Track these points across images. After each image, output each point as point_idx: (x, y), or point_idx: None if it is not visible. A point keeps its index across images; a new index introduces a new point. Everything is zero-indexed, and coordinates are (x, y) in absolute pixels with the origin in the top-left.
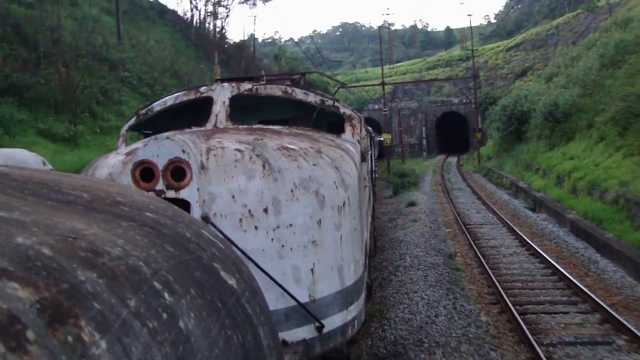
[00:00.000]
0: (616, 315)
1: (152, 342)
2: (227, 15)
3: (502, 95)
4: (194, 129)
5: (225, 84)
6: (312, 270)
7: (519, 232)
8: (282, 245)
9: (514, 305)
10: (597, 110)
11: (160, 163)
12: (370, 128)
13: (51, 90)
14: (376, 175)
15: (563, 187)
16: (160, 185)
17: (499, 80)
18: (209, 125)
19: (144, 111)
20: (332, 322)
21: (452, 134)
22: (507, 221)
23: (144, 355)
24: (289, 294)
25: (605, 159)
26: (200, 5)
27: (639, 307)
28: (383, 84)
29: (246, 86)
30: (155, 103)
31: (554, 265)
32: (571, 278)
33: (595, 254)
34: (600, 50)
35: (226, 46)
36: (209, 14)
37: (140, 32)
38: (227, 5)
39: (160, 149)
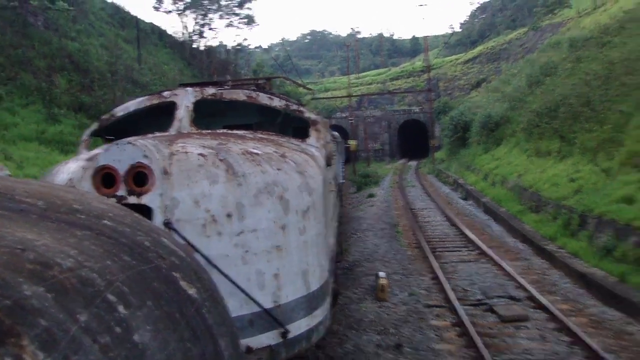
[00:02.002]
0: (486, 251)
1: (104, 358)
2: (214, 37)
3: (459, 105)
4: (157, 134)
5: (189, 89)
6: (276, 275)
7: (447, 213)
8: (246, 251)
9: (428, 247)
10: (518, 122)
11: (122, 168)
12: (337, 134)
13: (109, 107)
14: (343, 181)
15: (487, 181)
16: (121, 191)
17: (456, 90)
18: (173, 131)
19: (106, 116)
20: (297, 328)
21: (414, 140)
22: (442, 206)
23: None
24: (253, 300)
25: (515, 158)
26: (190, 27)
27: (503, 246)
28: (350, 95)
29: (210, 91)
30: (118, 108)
31: (463, 230)
32: (469, 235)
33: (492, 222)
34: (528, 70)
35: (211, 62)
36: (196, 33)
37: (150, 56)
38: (214, 29)
39: (121, 154)
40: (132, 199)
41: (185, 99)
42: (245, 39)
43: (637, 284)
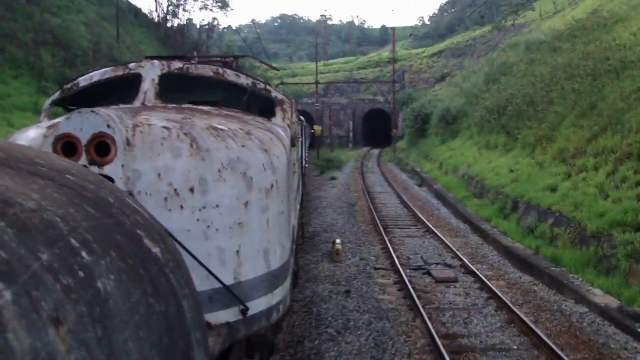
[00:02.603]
0: (432, 228)
1: (66, 299)
2: (189, 18)
3: (422, 97)
4: (121, 105)
5: (155, 62)
6: (237, 252)
7: (402, 197)
8: (208, 226)
9: (381, 224)
10: (473, 117)
11: (84, 137)
12: (302, 118)
13: None
14: (306, 165)
15: (441, 170)
16: (82, 161)
17: (421, 83)
18: (137, 103)
19: (68, 86)
20: (257, 306)
21: (377, 129)
22: (398, 191)
23: (56, 312)
24: (213, 275)
25: (467, 150)
26: (165, 7)
27: (447, 226)
28: (317, 82)
29: (177, 65)
30: (81, 78)
31: (414, 211)
32: (420, 215)
33: (441, 205)
34: (486, 68)
35: (184, 43)
36: (169, 13)
37: (127, 35)
38: (188, 10)
39: (83, 123)
40: (93, 169)
41: (150, 72)
42: (215, 19)
43: (546, 255)
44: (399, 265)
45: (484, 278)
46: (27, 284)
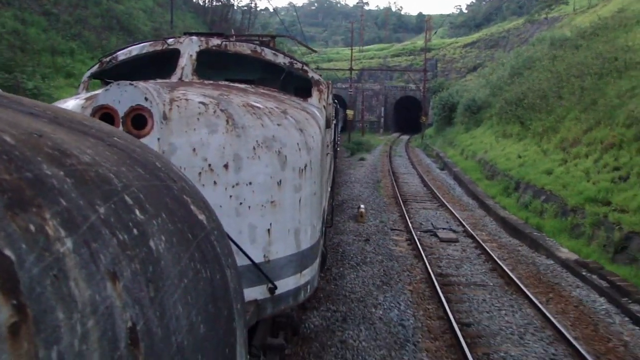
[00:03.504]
0: (445, 203)
1: (122, 254)
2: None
3: (452, 86)
4: (159, 80)
5: (194, 38)
6: (268, 230)
7: (424, 177)
8: (240, 203)
9: (401, 198)
10: (495, 107)
11: (121, 109)
12: (336, 101)
13: None
14: (338, 147)
15: (462, 155)
16: None
17: (453, 72)
18: (174, 78)
19: (107, 59)
20: (285, 285)
21: (408, 115)
22: (421, 173)
23: (113, 267)
24: (243, 252)
25: (486, 138)
26: None
27: (458, 202)
28: (351, 69)
29: (215, 41)
30: (120, 52)
31: (432, 189)
32: (436, 193)
33: (456, 185)
34: (513, 62)
35: (228, 29)
36: None
37: (179, 20)
38: None
39: (122, 95)
40: None
41: (189, 48)
42: (253, 1)
43: (532, 224)
44: (411, 228)
45: (479, 240)
46: (87, 235)
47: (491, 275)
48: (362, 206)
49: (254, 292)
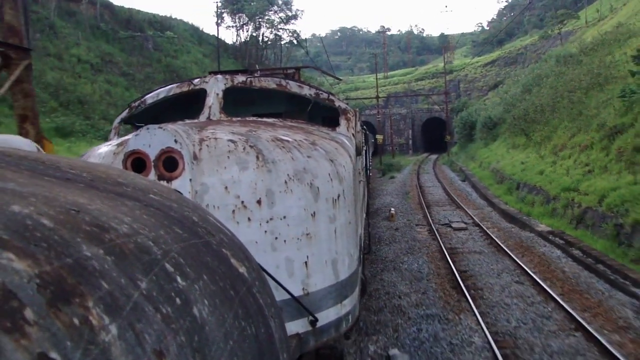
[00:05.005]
0: (461, 205)
1: (167, 329)
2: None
3: (474, 105)
4: (187, 121)
5: (219, 76)
6: (305, 263)
7: (447, 188)
8: (276, 238)
9: (425, 203)
10: (507, 123)
11: (152, 153)
12: (365, 127)
13: None
14: (370, 174)
15: (480, 167)
16: (152, 176)
17: (475, 91)
18: (202, 118)
19: (136, 103)
20: (326, 316)
21: (435, 136)
22: (445, 185)
23: (159, 345)
24: (282, 287)
25: (500, 150)
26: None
27: (472, 204)
28: (377, 97)
29: (240, 78)
30: (148, 95)
31: (453, 197)
32: (456, 199)
33: (473, 192)
34: (525, 79)
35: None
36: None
37: (222, 66)
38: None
39: (152, 139)
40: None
41: (215, 87)
42: (280, 37)
43: (524, 212)
44: (431, 223)
45: (483, 227)
46: (131, 316)
47: (487, 247)
48: (392, 209)
49: (296, 326)
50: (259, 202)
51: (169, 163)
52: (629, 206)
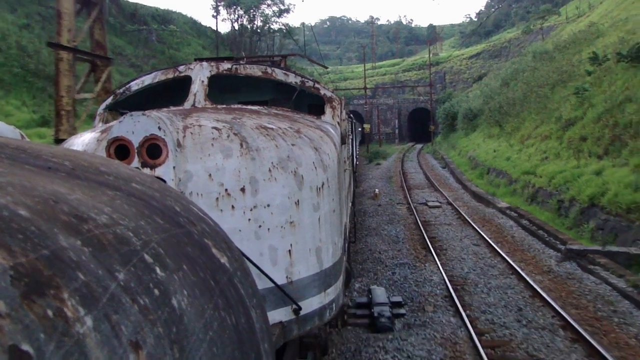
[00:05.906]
0: (439, 188)
1: (144, 320)
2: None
3: (458, 96)
4: (172, 108)
5: (204, 63)
6: (289, 251)
7: (427, 174)
8: (259, 226)
9: (406, 187)
10: (485, 114)
11: (135, 140)
12: (352, 116)
13: None
14: (357, 162)
15: (460, 155)
16: (135, 163)
17: (460, 83)
18: (187, 105)
19: (121, 90)
20: (310, 305)
21: (421, 126)
22: (426, 171)
23: (135, 336)
24: (265, 275)
25: (477, 140)
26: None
27: (448, 187)
28: (365, 87)
29: (225, 66)
30: (133, 82)
31: (432, 181)
32: (435, 184)
33: (450, 177)
34: (503, 73)
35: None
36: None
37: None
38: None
39: (135, 126)
40: (146, 171)
41: (200, 74)
42: (273, 28)
43: (489, 192)
44: (410, 202)
45: (455, 205)
46: (107, 307)
47: (456, 220)
48: (376, 190)
49: (279, 314)
50: (242, 189)
51: (153, 150)
52: (569, 185)
